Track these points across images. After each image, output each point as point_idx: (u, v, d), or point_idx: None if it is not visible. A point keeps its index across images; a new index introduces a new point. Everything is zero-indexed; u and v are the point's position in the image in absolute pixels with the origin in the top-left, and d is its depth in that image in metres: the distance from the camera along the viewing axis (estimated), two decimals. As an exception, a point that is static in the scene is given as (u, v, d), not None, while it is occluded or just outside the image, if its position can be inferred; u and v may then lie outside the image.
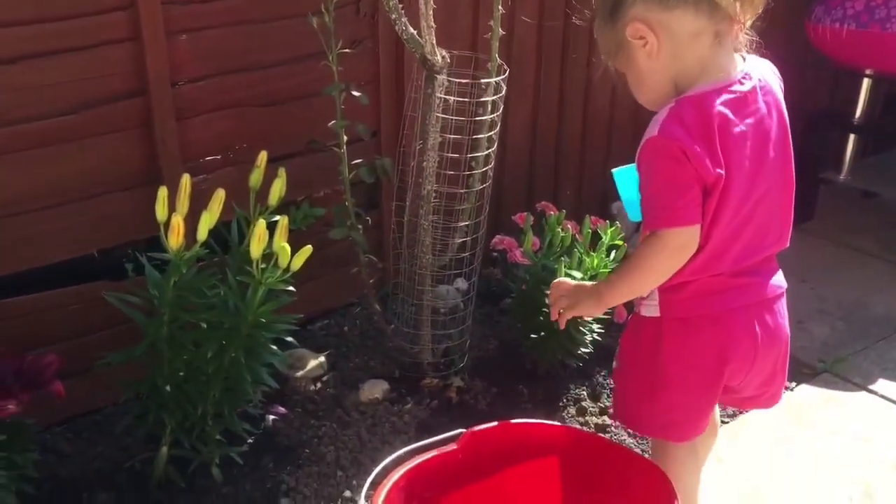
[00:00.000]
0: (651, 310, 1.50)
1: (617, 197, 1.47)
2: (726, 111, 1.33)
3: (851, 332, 2.66)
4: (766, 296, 1.46)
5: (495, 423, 1.62)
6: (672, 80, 1.37)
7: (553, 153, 2.91)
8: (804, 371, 2.47)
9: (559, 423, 1.68)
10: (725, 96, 1.34)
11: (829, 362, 2.51)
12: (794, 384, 2.41)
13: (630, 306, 1.68)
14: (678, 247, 1.36)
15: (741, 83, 1.37)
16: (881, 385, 2.41)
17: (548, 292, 1.67)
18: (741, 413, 2.29)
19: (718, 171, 1.32)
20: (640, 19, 1.34)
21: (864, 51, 2.92)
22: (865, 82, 3.08)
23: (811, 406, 2.33)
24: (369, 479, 1.49)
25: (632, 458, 1.59)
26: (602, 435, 2.10)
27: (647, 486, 1.52)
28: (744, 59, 1.42)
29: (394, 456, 1.53)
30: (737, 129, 1.34)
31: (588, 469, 1.58)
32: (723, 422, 2.25)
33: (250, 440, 2.06)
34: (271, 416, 2.15)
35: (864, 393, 2.39)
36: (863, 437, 2.21)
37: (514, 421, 1.65)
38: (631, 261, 1.45)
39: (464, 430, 1.58)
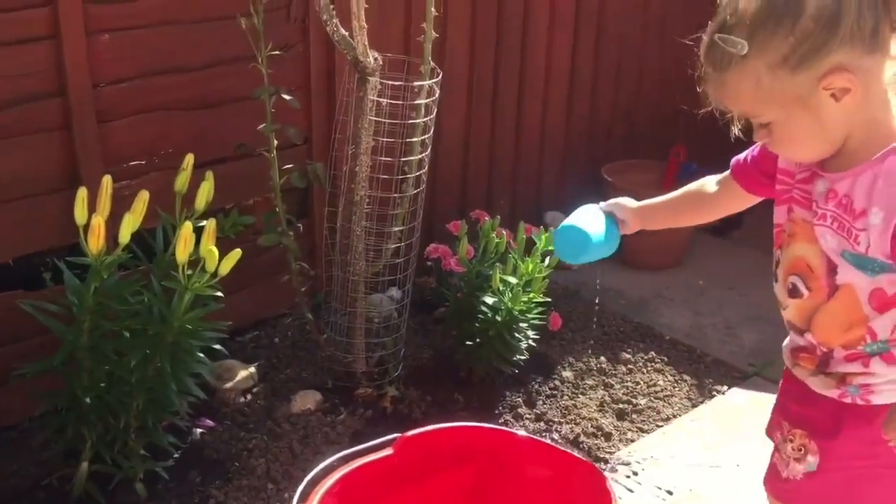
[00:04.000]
0: (893, 393, 1.21)
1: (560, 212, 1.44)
2: None
3: (779, 337, 2.69)
4: None
5: (431, 427, 1.59)
6: (849, 132, 1.16)
7: (487, 161, 2.92)
8: (734, 375, 2.51)
9: (496, 426, 1.65)
10: None
11: (758, 366, 2.55)
12: (725, 388, 2.44)
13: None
14: None
15: None
16: (808, 387, 2.46)
17: None
18: (674, 417, 2.31)
19: None
20: (843, 68, 1.08)
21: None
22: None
23: (742, 410, 2.36)
24: (300, 489, 1.44)
25: (568, 459, 1.57)
26: (522, 424, 2.09)
27: (584, 486, 1.51)
28: None
29: (325, 463, 1.48)
30: None
31: (525, 470, 1.57)
32: (656, 426, 2.27)
33: (176, 454, 1.99)
34: (199, 429, 2.08)
35: (792, 395, 2.43)
36: (792, 437, 2.24)
37: (450, 424, 1.62)
38: None
39: (399, 435, 1.54)
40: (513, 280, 2.22)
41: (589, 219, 1.40)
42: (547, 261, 2.32)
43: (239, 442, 2.07)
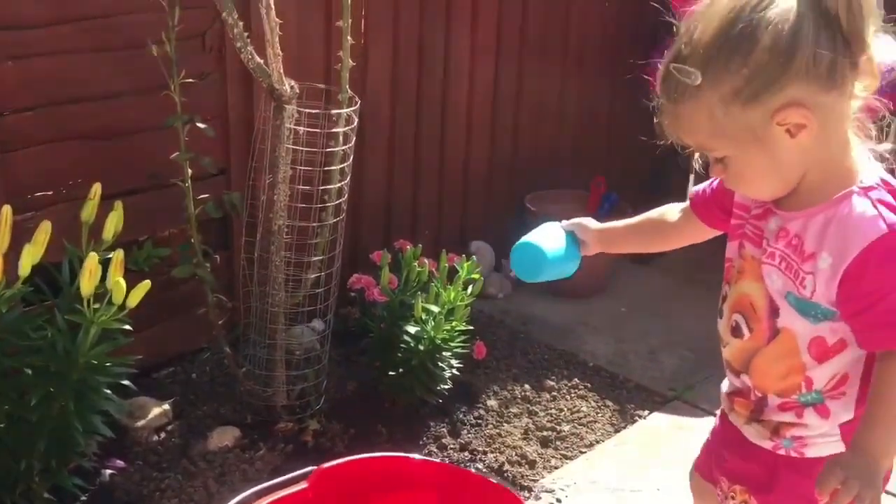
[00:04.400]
0: (828, 447, 1.17)
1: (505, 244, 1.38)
2: None
3: (699, 362, 2.75)
4: None
5: (348, 459, 1.56)
6: (804, 171, 1.12)
7: (411, 191, 2.91)
8: (656, 399, 2.54)
9: (413, 455, 1.62)
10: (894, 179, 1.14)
11: (678, 390, 2.58)
12: (646, 413, 2.47)
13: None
14: None
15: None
16: (727, 410, 2.50)
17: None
18: (597, 443, 2.31)
19: None
20: (797, 103, 1.05)
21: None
22: (703, 125, 3.27)
23: (663, 434, 2.38)
24: (210, 526, 1.38)
25: (488, 486, 1.55)
26: (457, 465, 2.06)
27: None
28: None
29: (238, 499, 1.43)
30: None
31: (445, 499, 1.54)
32: (580, 452, 2.27)
33: (84, 497, 1.90)
34: (108, 470, 1.99)
35: (711, 418, 2.45)
36: (712, 460, 2.27)
37: (367, 455, 1.59)
38: (889, 397, 1.10)
39: (314, 468, 1.50)
40: (435, 308, 2.21)
41: (547, 236, 1.37)
42: (470, 289, 2.32)
43: (151, 482, 1.99)
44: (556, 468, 2.20)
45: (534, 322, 2.94)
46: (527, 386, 2.52)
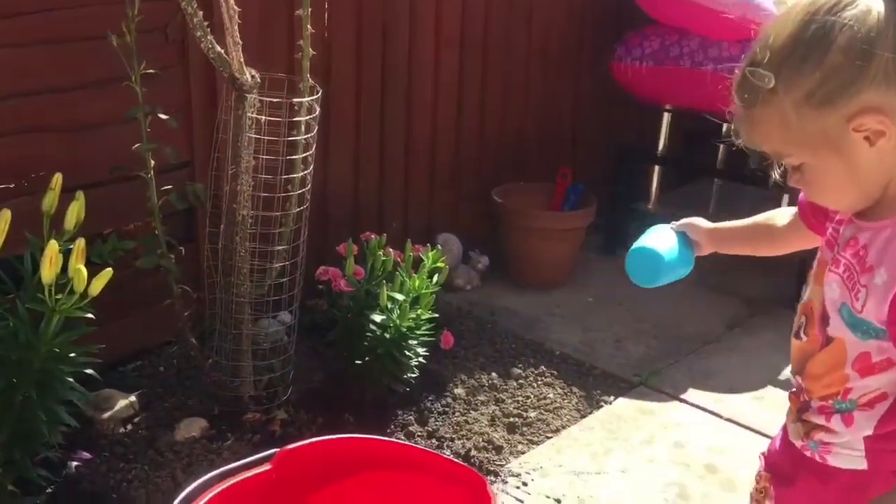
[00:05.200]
0: (851, 460, 1.16)
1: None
2: None
3: (664, 348, 2.80)
4: None
5: (311, 440, 1.57)
6: (886, 180, 1.07)
7: (377, 184, 2.93)
8: (621, 385, 2.57)
9: (377, 437, 1.64)
10: None
11: (644, 376, 2.62)
12: (612, 398, 2.50)
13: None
14: None
15: None
16: (691, 394, 2.54)
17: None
18: (563, 428, 2.34)
19: None
20: (874, 109, 1.00)
21: (663, 87, 3.15)
22: (666, 117, 3.32)
23: (628, 418, 2.42)
24: (172, 508, 1.39)
25: (450, 467, 1.57)
26: (419, 446, 2.08)
27: (466, 493, 1.50)
28: None
29: (200, 481, 1.44)
30: None
31: (408, 479, 1.56)
32: (546, 437, 2.30)
33: (49, 489, 1.89)
34: (74, 462, 1.99)
35: (676, 402, 2.51)
36: (676, 442, 2.31)
37: (330, 437, 1.60)
38: None
39: (277, 450, 1.51)
40: (400, 297, 2.22)
41: (661, 239, 1.34)
42: (435, 278, 2.34)
43: (118, 473, 1.99)
44: (523, 453, 2.23)
45: (501, 313, 2.97)
46: (494, 374, 2.54)
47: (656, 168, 3.42)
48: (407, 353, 2.28)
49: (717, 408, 2.47)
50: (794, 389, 1.23)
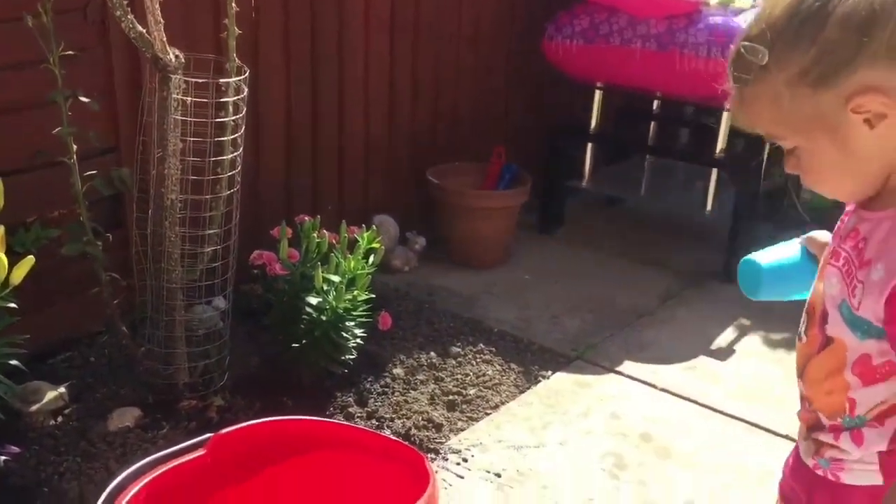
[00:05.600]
0: (865, 476, 1.07)
1: None
2: None
3: (600, 323, 2.84)
4: None
5: (247, 423, 1.56)
6: (889, 168, 0.99)
7: (310, 166, 2.90)
8: (559, 360, 2.61)
9: (313, 418, 1.63)
10: None
11: (580, 350, 2.66)
12: (549, 373, 2.53)
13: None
14: None
15: None
16: (626, 366, 2.59)
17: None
18: (502, 404, 2.37)
19: None
20: (875, 88, 0.92)
21: (593, 65, 3.18)
22: (598, 95, 3.35)
23: (565, 392, 2.46)
24: (102, 497, 1.36)
25: (388, 445, 1.58)
26: (353, 424, 2.08)
27: (405, 470, 1.51)
28: None
29: (131, 469, 1.42)
30: None
31: (346, 459, 1.56)
32: (485, 414, 2.32)
33: (-24, 485, 1.84)
34: (2, 457, 1.93)
35: (612, 374, 2.56)
36: (612, 414, 2.36)
37: (266, 419, 1.59)
38: None
39: (211, 435, 1.50)
40: (335, 278, 2.21)
41: (775, 252, 1.26)
42: (371, 259, 2.33)
43: (49, 466, 1.94)
44: (463, 430, 2.24)
45: (439, 293, 2.98)
46: (433, 353, 2.55)
47: (589, 146, 3.46)
48: (344, 334, 2.27)
49: (651, 378, 2.52)
50: (800, 398, 1.15)
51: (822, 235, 1.23)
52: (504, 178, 3.28)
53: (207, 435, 1.50)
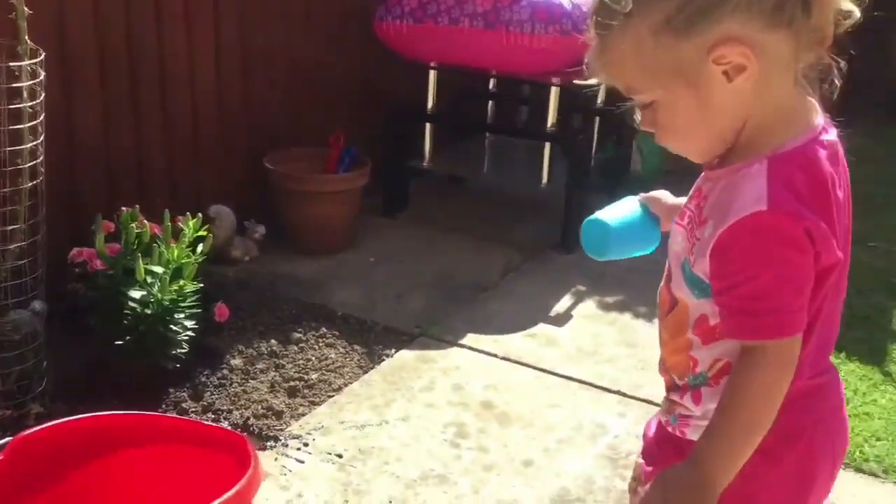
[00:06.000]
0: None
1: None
2: (832, 171, 0.99)
3: (444, 299, 2.87)
4: (841, 394, 1.13)
5: (51, 423, 1.46)
6: (740, 125, 0.99)
7: (134, 157, 2.77)
8: (403, 338, 2.61)
9: (126, 412, 1.55)
10: (822, 151, 0.99)
11: (424, 327, 2.68)
12: (392, 351, 2.53)
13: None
14: (791, 361, 0.98)
15: (826, 130, 1.01)
16: (469, 339, 2.62)
17: None
18: (345, 386, 2.34)
19: (839, 253, 0.98)
20: (736, 39, 0.92)
21: (424, 44, 3.20)
22: (432, 74, 3.37)
23: (408, 368, 2.46)
24: None
25: (207, 432, 1.52)
26: (172, 415, 2.01)
27: (225, 456, 1.46)
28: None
29: (-83, 481, 1.30)
30: (840, 194, 1.01)
31: (163, 452, 1.49)
32: (328, 397, 2.29)
33: None
34: None
35: (455, 348, 2.58)
36: (455, 385, 2.38)
37: (77, 417, 1.50)
38: (735, 402, 0.98)
39: (10, 438, 1.40)
40: (159, 270, 2.12)
41: (618, 210, 1.25)
42: (200, 247, 2.26)
43: None
44: (304, 415, 2.21)
45: (282, 280, 2.92)
46: (273, 341, 2.50)
47: (427, 126, 3.48)
48: (173, 327, 2.18)
49: (493, 348, 2.57)
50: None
51: (662, 194, 1.26)
52: (344, 162, 3.25)
53: (8, 438, 1.40)
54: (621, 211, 1.25)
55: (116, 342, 2.14)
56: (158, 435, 1.50)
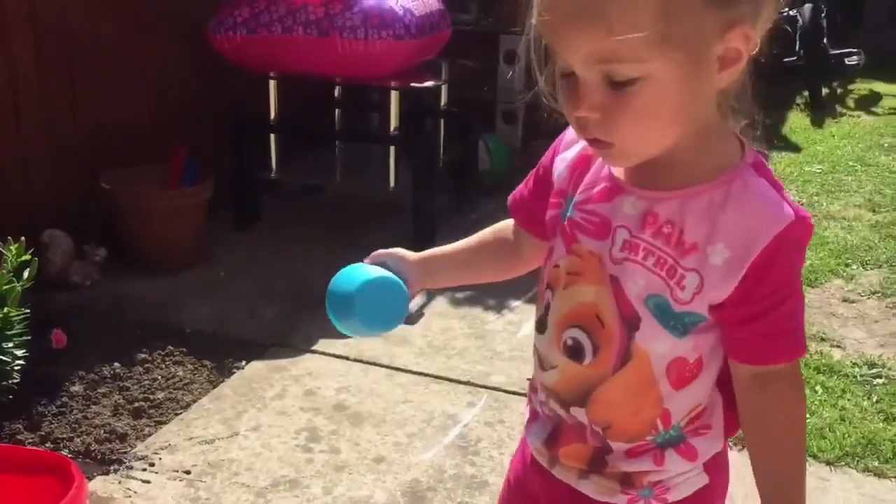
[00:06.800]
0: (692, 483, 0.96)
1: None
2: None
3: (297, 308, 2.85)
4: None
5: None
6: (690, 127, 0.86)
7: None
8: (255, 349, 2.58)
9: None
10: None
11: (277, 337, 2.66)
12: (244, 363, 2.50)
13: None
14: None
15: None
16: (321, 344, 2.62)
17: None
18: (194, 402, 2.30)
19: None
20: (751, 26, 0.82)
21: (261, 55, 3.18)
22: (272, 84, 3.35)
23: (260, 378, 2.44)
24: None
25: (29, 456, 1.48)
26: None
27: (49, 479, 1.42)
28: None
29: None
30: None
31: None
32: (175, 415, 2.24)
33: None
34: None
35: (308, 354, 2.58)
36: (307, 391, 2.38)
37: None
38: (790, 438, 0.92)
39: None
40: (-20, 298, 2.02)
41: (352, 274, 1.03)
42: (26, 273, 2.16)
43: None
44: (150, 435, 2.15)
45: (126, 302, 2.83)
46: (116, 364, 2.42)
47: (272, 136, 3.46)
48: (3, 357, 2.08)
49: (345, 352, 2.58)
50: (564, 433, 0.98)
51: (404, 253, 1.08)
52: (187, 178, 3.18)
53: None
54: (360, 272, 1.04)
55: (-63, 378, 2.03)
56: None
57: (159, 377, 2.40)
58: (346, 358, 2.56)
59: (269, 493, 1.96)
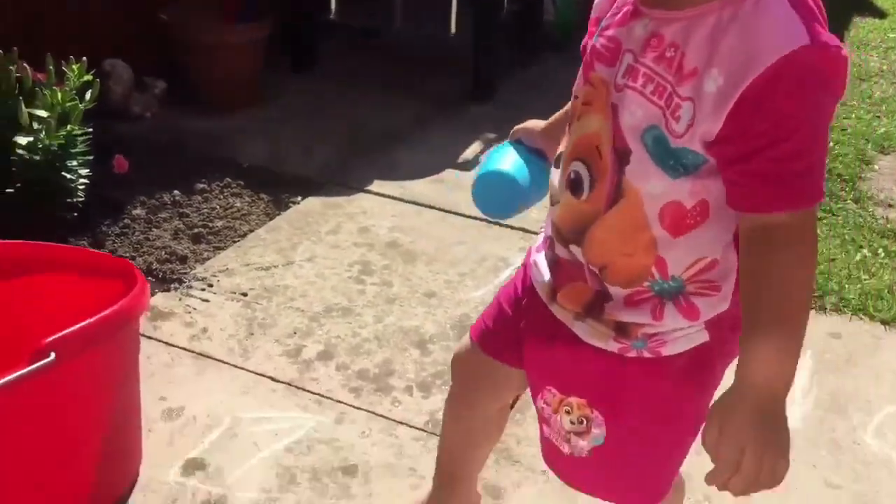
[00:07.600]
0: (689, 340, 0.92)
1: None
2: None
3: (353, 150, 2.85)
4: None
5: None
6: None
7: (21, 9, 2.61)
8: (310, 186, 2.60)
9: (8, 241, 1.53)
10: None
11: (332, 176, 2.66)
12: (299, 198, 2.53)
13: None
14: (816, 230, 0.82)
15: None
16: (376, 185, 2.63)
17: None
18: (251, 232, 2.34)
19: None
20: None
21: None
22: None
23: (315, 213, 2.46)
24: None
25: (90, 258, 1.52)
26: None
27: (113, 281, 1.46)
28: None
29: None
30: None
31: (52, 278, 1.49)
32: (233, 242, 2.29)
33: None
34: None
35: (362, 193, 2.59)
36: (361, 228, 2.40)
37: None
38: (789, 296, 0.79)
39: None
40: (43, 114, 2.05)
41: (505, 160, 1.09)
42: (88, 94, 2.17)
43: None
44: (208, 259, 2.21)
45: (185, 135, 2.85)
46: (176, 192, 2.46)
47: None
48: (66, 174, 2.13)
49: (399, 193, 2.58)
50: (565, 270, 0.96)
51: (535, 124, 1.12)
52: (245, 13, 3.12)
53: None
54: (510, 160, 1.09)
55: (7, 190, 2.09)
56: (37, 264, 1.48)
57: (217, 206, 2.44)
58: (401, 199, 2.56)
59: (322, 318, 2.01)
